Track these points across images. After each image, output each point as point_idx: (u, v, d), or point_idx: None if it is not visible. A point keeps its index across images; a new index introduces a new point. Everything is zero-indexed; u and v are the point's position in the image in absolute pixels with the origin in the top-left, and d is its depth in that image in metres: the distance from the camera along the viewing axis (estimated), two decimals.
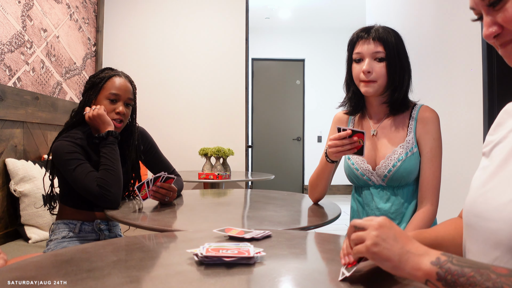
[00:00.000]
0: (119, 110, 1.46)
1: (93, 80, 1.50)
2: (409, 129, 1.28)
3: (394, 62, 1.24)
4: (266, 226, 1.09)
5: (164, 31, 3.58)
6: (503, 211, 0.56)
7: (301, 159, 6.62)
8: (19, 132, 2.09)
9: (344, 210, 1.80)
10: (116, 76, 1.49)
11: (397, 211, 1.26)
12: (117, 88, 1.47)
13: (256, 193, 1.86)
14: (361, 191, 1.35)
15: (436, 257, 0.52)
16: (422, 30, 2.96)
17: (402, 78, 1.26)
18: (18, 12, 2.15)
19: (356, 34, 1.29)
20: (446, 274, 0.50)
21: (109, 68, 1.54)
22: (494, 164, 0.64)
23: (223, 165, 2.97)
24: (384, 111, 1.33)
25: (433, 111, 1.29)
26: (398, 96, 1.27)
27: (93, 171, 1.35)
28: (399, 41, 1.27)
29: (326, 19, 6.17)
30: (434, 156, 1.24)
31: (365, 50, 1.24)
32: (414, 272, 0.53)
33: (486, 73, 2.09)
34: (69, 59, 2.80)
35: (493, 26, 0.59)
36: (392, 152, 1.26)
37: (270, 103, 6.61)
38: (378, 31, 1.25)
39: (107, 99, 1.46)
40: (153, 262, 0.73)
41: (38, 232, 1.93)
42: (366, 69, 1.23)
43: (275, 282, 0.63)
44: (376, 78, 1.24)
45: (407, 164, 1.24)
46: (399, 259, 0.54)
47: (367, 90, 1.26)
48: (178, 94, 3.58)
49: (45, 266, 0.69)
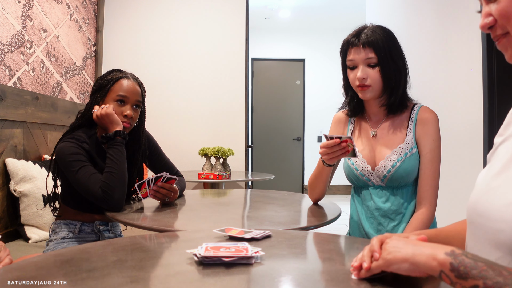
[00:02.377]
0: (126, 113, 1.44)
1: (100, 82, 1.47)
2: (408, 130, 1.28)
3: (388, 65, 1.23)
4: (266, 226, 1.09)
5: (164, 31, 3.58)
6: (505, 212, 0.56)
7: (301, 159, 6.62)
8: (19, 132, 2.09)
9: (344, 210, 1.80)
10: (125, 78, 1.46)
11: (396, 211, 1.26)
12: (125, 90, 1.44)
13: (256, 193, 1.86)
14: (360, 191, 1.35)
15: (451, 250, 0.53)
16: (422, 30, 2.96)
17: (398, 79, 1.26)
18: (18, 12, 2.15)
19: (347, 41, 1.28)
20: (459, 265, 0.50)
21: (117, 70, 1.51)
22: (499, 163, 0.63)
23: (223, 165, 2.97)
24: (383, 113, 1.34)
25: (433, 112, 1.28)
26: (395, 98, 1.27)
27: (96, 173, 1.33)
28: (391, 41, 1.25)
29: (326, 19, 6.17)
30: (434, 157, 1.24)
31: (357, 58, 1.24)
32: (430, 262, 0.53)
33: (486, 73, 2.09)
34: (69, 59, 2.80)
35: (488, 17, 0.59)
36: (392, 153, 1.26)
37: (270, 103, 6.60)
38: (367, 35, 1.23)
39: (115, 101, 1.43)
40: (153, 262, 0.73)
41: (38, 232, 1.93)
42: (361, 76, 1.23)
43: (275, 282, 0.63)
44: (371, 83, 1.24)
45: (407, 165, 1.24)
46: (413, 254, 0.55)
47: (364, 95, 1.27)
48: (178, 94, 3.58)
49: (45, 266, 0.69)
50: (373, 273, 0.59)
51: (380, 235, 0.64)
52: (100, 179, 1.31)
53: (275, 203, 1.52)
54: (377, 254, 0.59)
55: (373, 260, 0.60)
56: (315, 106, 6.58)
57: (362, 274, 0.60)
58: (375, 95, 1.27)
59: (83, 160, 1.34)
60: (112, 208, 1.30)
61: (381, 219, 1.27)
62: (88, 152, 1.38)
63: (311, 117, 6.60)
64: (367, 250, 0.62)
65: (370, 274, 0.59)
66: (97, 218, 1.46)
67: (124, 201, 1.34)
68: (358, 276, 0.61)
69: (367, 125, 1.37)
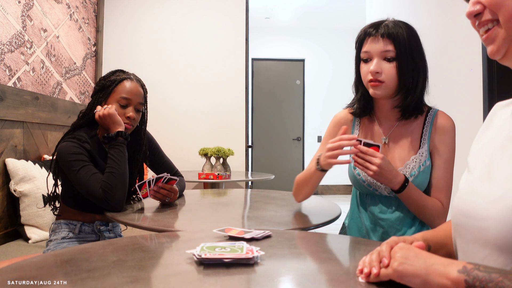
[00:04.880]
0: (129, 115, 1.43)
1: (103, 82, 1.46)
2: (423, 138, 1.17)
3: (406, 61, 1.12)
4: (266, 226, 1.09)
5: (164, 31, 3.58)
6: (490, 210, 0.57)
7: (301, 159, 6.62)
8: (19, 132, 2.09)
9: (344, 210, 1.80)
10: (128, 79, 1.46)
11: (403, 223, 1.19)
12: (128, 92, 1.44)
13: (256, 193, 1.86)
14: (365, 197, 1.25)
15: (463, 266, 0.52)
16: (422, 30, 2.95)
17: (416, 80, 1.15)
18: (18, 12, 2.15)
19: (364, 30, 1.17)
20: (475, 281, 0.49)
21: (120, 71, 1.50)
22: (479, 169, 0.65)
23: (223, 165, 2.97)
24: (395, 116, 1.21)
25: (451, 119, 1.18)
26: (412, 100, 1.15)
27: (97, 173, 1.32)
28: (413, 37, 1.15)
29: (326, 19, 6.17)
30: (448, 167, 1.16)
31: (373, 49, 1.13)
32: (443, 282, 0.52)
33: (486, 73, 2.09)
34: (69, 59, 2.80)
35: (476, 5, 0.59)
36: (404, 166, 1.16)
37: (270, 103, 6.60)
38: (388, 26, 1.12)
39: (118, 102, 1.43)
40: (153, 262, 0.73)
41: (38, 232, 1.93)
42: (374, 69, 1.12)
43: (275, 282, 0.63)
44: (385, 79, 1.12)
45: (419, 180, 1.15)
46: (426, 272, 0.54)
47: (375, 92, 1.15)
48: (178, 94, 3.58)
49: (45, 266, 0.69)
50: (381, 280, 0.59)
51: (389, 240, 0.64)
52: (101, 179, 1.31)
53: (275, 203, 1.52)
54: (386, 260, 0.59)
55: (382, 266, 0.60)
56: (315, 106, 6.58)
57: (371, 279, 0.60)
58: (387, 93, 1.15)
59: (84, 160, 1.33)
60: (112, 208, 1.30)
61: (388, 229, 1.19)
62: (89, 152, 1.38)
63: (311, 117, 6.60)
64: (376, 255, 0.62)
65: (378, 280, 0.60)
66: (97, 218, 1.46)
67: (124, 202, 1.34)
68: (366, 280, 0.61)
69: (376, 129, 1.25)
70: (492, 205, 0.57)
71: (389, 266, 0.58)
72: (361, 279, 0.61)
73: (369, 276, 0.60)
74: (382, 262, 0.60)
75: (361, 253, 0.80)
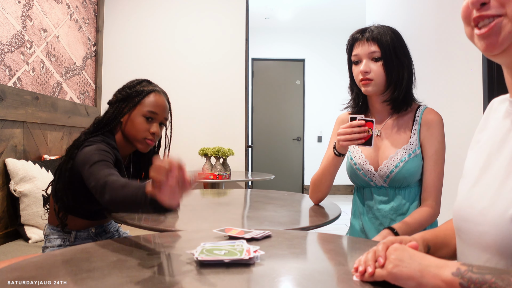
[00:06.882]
0: (153, 131, 1.34)
1: (129, 91, 1.35)
2: (413, 131, 1.28)
3: (391, 60, 1.25)
4: (266, 226, 1.09)
5: (164, 31, 3.58)
6: (487, 215, 0.57)
7: (301, 159, 6.62)
8: (19, 132, 2.09)
9: (344, 210, 1.80)
10: (156, 92, 1.37)
11: (397, 212, 1.26)
12: (156, 106, 1.34)
13: (256, 193, 1.86)
14: (362, 191, 1.35)
15: (456, 268, 0.52)
16: (422, 30, 2.96)
17: (402, 75, 1.27)
18: (18, 12, 2.15)
19: (352, 36, 1.31)
20: (469, 284, 0.50)
21: (147, 81, 1.42)
22: (476, 169, 0.65)
23: (223, 165, 2.97)
24: (387, 111, 1.34)
25: (437, 113, 1.29)
26: (399, 93, 1.27)
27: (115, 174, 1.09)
28: (396, 38, 1.27)
29: (326, 19, 6.17)
30: (438, 159, 1.25)
31: (361, 51, 1.26)
32: (438, 284, 0.53)
33: (486, 73, 2.09)
34: (69, 59, 2.80)
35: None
36: (395, 153, 1.26)
37: (270, 103, 6.60)
38: (372, 31, 1.26)
39: (143, 116, 1.33)
40: (153, 262, 0.73)
41: (38, 232, 1.93)
42: (363, 69, 1.25)
43: (275, 282, 0.63)
44: (374, 77, 1.25)
45: (410, 166, 1.24)
46: (421, 274, 0.54)
47: (366, 89, 1.27)
48: (178, 94, 3.58)
49: (45, 266, 0.69)
50: (375, 279, 0.59)
51: (386, 241, 0.64)
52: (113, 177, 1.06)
53: (275, 203, 1.52)
54: (381, 259, 0.59)
55: (377, 266, 0.60)
56: (315, 106, 6.58)
57: (365, 277, 0.60)
58: (378, 90, 1.28)
59: (108, 160, 1.17)
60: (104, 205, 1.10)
61: (382, 220, 1.28)
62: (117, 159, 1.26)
63: (311, 117, 6.60)
64: (372, 254, 0.62)
65: (373, 280, 0.60)
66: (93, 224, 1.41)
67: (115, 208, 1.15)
68: (360, 278, 0.61)
69: None
70: (488, 210, 0.57)
71: (384, 268, 0.59)
72: (355, 277, 0.62)
73: (363, 275, 0.60)
74: (378, 262, 0.60)
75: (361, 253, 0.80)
